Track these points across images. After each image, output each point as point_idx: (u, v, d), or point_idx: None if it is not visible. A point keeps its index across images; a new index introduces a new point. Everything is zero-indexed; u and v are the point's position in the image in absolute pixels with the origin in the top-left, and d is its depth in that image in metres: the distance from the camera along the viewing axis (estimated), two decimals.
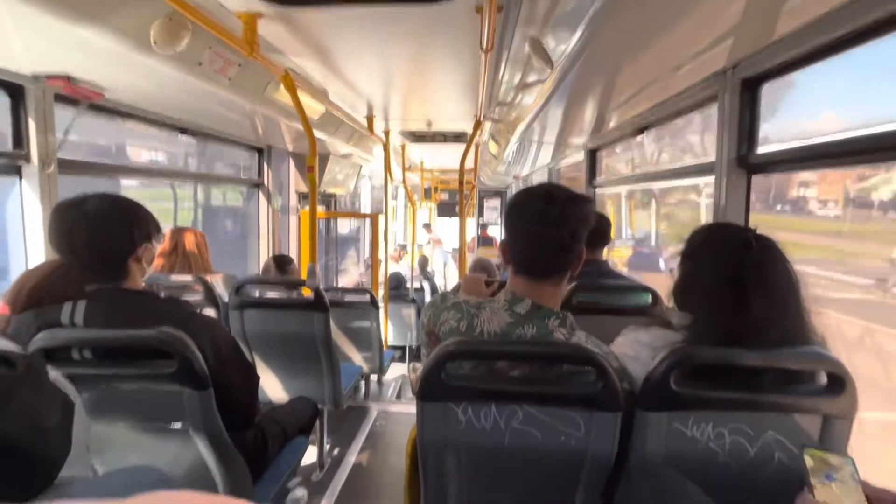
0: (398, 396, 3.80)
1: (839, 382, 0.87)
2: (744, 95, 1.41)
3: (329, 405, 2.24)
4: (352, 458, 2.51)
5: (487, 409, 0.93)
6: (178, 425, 1.09)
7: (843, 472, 0.68)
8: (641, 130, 2.23)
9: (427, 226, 8.55)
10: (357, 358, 3.15)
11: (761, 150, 1.41)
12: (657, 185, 3.35)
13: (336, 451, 2.56)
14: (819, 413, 0.89)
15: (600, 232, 1.85)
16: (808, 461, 0.69)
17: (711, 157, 1.56)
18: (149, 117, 2.32)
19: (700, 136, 2.10)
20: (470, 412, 0.94)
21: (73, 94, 1.75)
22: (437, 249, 8.20)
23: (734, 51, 1.33)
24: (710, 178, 1.55)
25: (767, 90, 1.39)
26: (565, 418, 0.92)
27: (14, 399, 0.52)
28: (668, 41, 1.36)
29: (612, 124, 2.56)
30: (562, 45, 1.51)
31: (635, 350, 1.02)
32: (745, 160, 1.43)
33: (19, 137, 1.71)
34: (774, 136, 1.39)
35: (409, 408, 3.22)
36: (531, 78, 2.10)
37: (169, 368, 1.04)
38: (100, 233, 1.06)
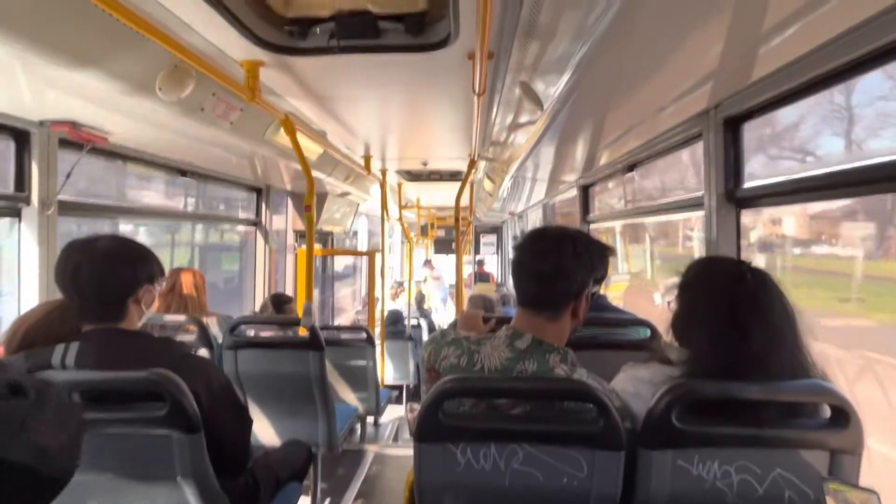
0: (395, 438, 3.68)
1: (843, 416, 0.86)
2: (727, 134, 1.46)
3: (323, 449, 2.17)
4: None
5: (487, 450, 0.91)
6: (166, 472, 1.05)
7: None
8: (631, 167, 2.29)
9: (429, 262, 8.56)
10: (353, 398, 3.07)
11: (748, 184, 1.45)
12: (650, 220, 3.39)
13: (330, 498, 2.45)
14: (826, 448, 0.87)
15: None
16: (830, 501, 0.67)
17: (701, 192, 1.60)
18: (150, 160, 2.37)
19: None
20: (469, 453, 0.91)
21: (77, 138, 1.79)
22: (436, 286, 8.18)
23: (715, 92, 1.40)
24: (701, 213, 1.59)
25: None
26: (567, 458, 0.90)
27: (25, 429, 0.54)
28: (652, 84, 1.43)
29: (602, 162, 2.63)
30: (551, 89, 1.58)
31: (636, 387, 1.00)
32: (732, 195, 1.46)
33: (21, 180, 1.74)
34: None
35: (406, 450, 3.11)
36: (523, 119, 2.18)
37: (160, 411, 1.01)
38: (104, 270, 1.08)
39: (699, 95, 1.43)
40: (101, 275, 1.08)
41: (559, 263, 0.97)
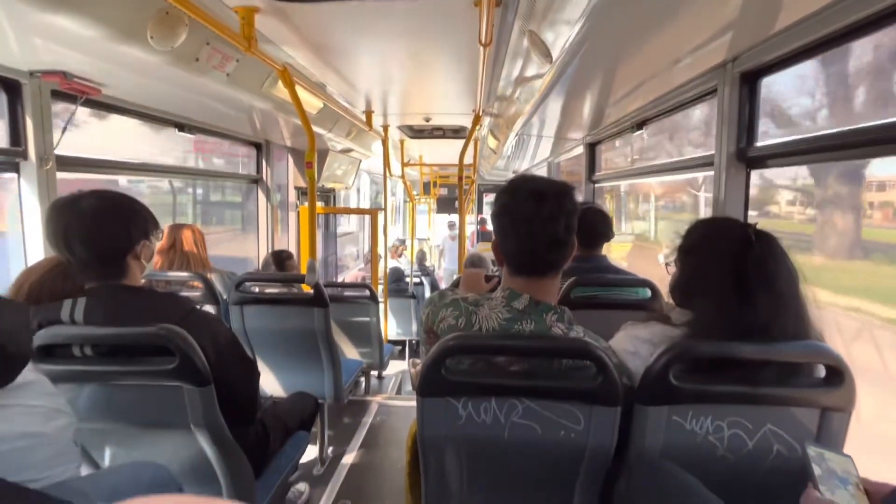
0: (398, 391, 3.81)
1: (837, 375, 0.88)
2: (743, 89, 1.40)
3: (330, 400, 2.25)
4: (353, 452, 2.53)
5: (487, 404, 0.94)
6: (179, 421, 1.10)
7: (850, 476, 0.69)
8: (641, 125, 2.22)
9: (452, 224, 8.44)
10: (357, 353, 3.16)
11: (760, 143, 1.41)
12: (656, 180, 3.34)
13: (337, 446, 2.57)
14: (817, 406, 0.89)
15: (602, 228, 1.85)
16: (816, 469, 0.70)
17: (711, 151, 1.56)
18: (146, 113, 2.31)
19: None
20: (470, 407, 0.94)
21: (69, 89, 1.74)
22: (450, 247, 8.15)
23: (734, 44, 1.33)
24: (710, 173, 1.55)
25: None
26: (565, 412, 0.93)
27: None
28: (668, 35, 1.36)
29: (611, 118, 2.55)
30: (560, 39, 1.51)
31: (634, 346, 1.02)
32: (744, 154, 1.43)
33: (16, 135, 1.71)
34: None
35: (409, 402, 3.23)
36: (530, 72, 2.10)
37: (169, 365, 1.04)
38: (96, 231, 1.06)
39: (716, 47, 1.36)
40: (93, 235, 1.06)
41: (567, 224, 0.94)
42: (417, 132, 4.10)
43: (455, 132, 3.99)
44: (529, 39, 1.69)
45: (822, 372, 0.91)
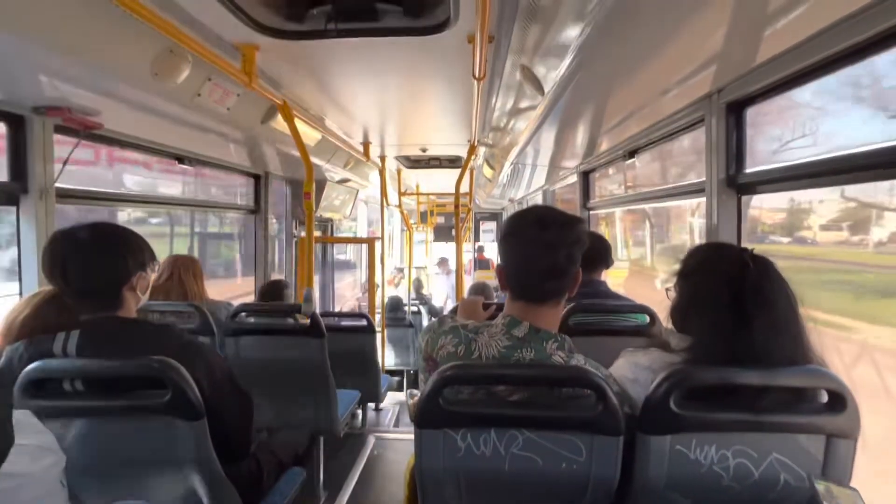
0: (396, 423, 3.72)
1: (839, 400, 0.86)
2: (729, 118, 1.44)
3: (325, 434, 2.19)
4: (349, 488, 2.44)
5: (487, 435, 0.92)
6: (170, 457, 1.07)
7: None
8: (633, 153, 2.27)
9: (444, 260, 8.18)
10: (354, 384, 3.10)
11: (750, 170, 1.44)
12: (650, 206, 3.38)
13: (332, 481, 2.49)
14: (821, 433, 0.88)
15: (600, 254, 1.85)
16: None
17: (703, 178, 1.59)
18: (147, 146, 2.35)
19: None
20: (469, 438, 0.92)
21: (73, 125, 1.77)
22: (445, 280, 7.91)
23: (718, 75, 1.38)
24: (702, 199, 1.58)
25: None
26: (566, 443, 0.91)
27: None
28: (655, 67, 1.41)
29: (603, 147, 2.61)
30: (552, 73, 1.56)
31: (634, 373, 1.01)
32: (734, 181, 1.45)
33: (18, 168, 1.72)
34: None
35: (407, 435, 3.15)
36: (523, 104, 2.16)
37: (162, 398, 1.02)
38: (93, 262, 1.06)
39: (702, 79, 1.41)
40: (90, 266, 1.06)
41: (568, 253, 0.95)
42: (414, 162, 4.17)
43: (451, 162, 4.06)
44: (522, 73, 1.75)
45: (825, 397, 0.90)
